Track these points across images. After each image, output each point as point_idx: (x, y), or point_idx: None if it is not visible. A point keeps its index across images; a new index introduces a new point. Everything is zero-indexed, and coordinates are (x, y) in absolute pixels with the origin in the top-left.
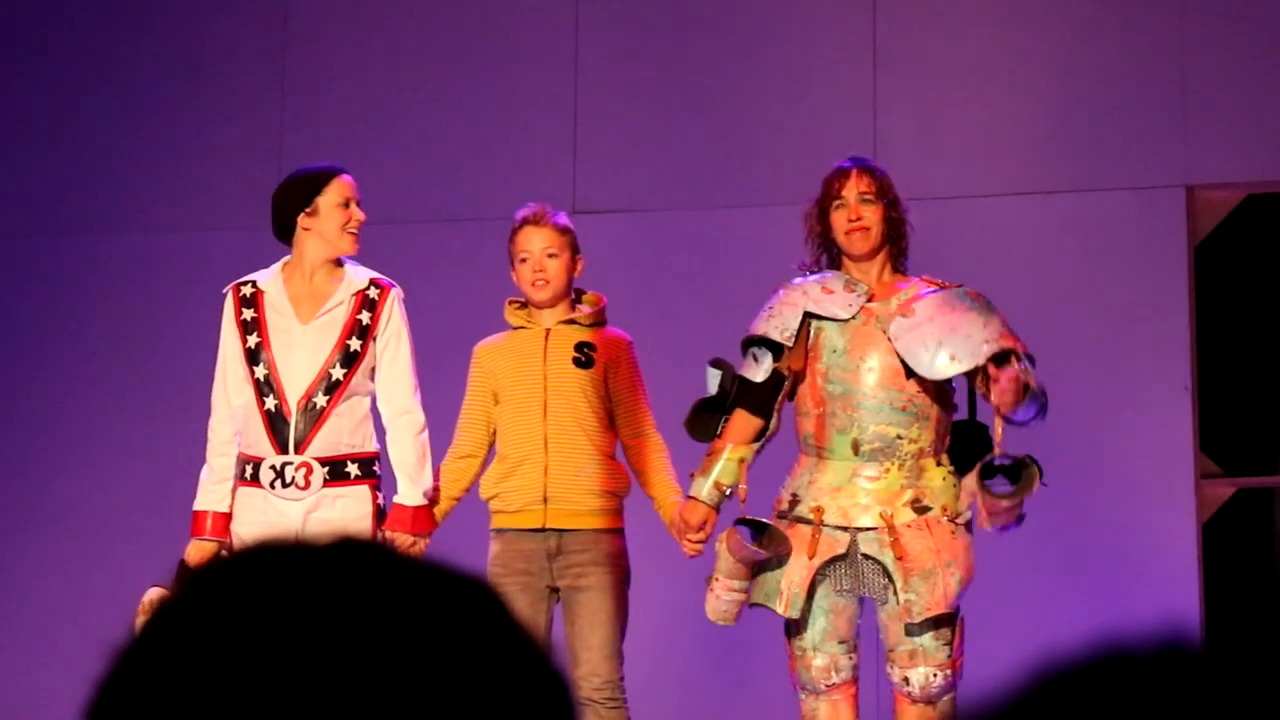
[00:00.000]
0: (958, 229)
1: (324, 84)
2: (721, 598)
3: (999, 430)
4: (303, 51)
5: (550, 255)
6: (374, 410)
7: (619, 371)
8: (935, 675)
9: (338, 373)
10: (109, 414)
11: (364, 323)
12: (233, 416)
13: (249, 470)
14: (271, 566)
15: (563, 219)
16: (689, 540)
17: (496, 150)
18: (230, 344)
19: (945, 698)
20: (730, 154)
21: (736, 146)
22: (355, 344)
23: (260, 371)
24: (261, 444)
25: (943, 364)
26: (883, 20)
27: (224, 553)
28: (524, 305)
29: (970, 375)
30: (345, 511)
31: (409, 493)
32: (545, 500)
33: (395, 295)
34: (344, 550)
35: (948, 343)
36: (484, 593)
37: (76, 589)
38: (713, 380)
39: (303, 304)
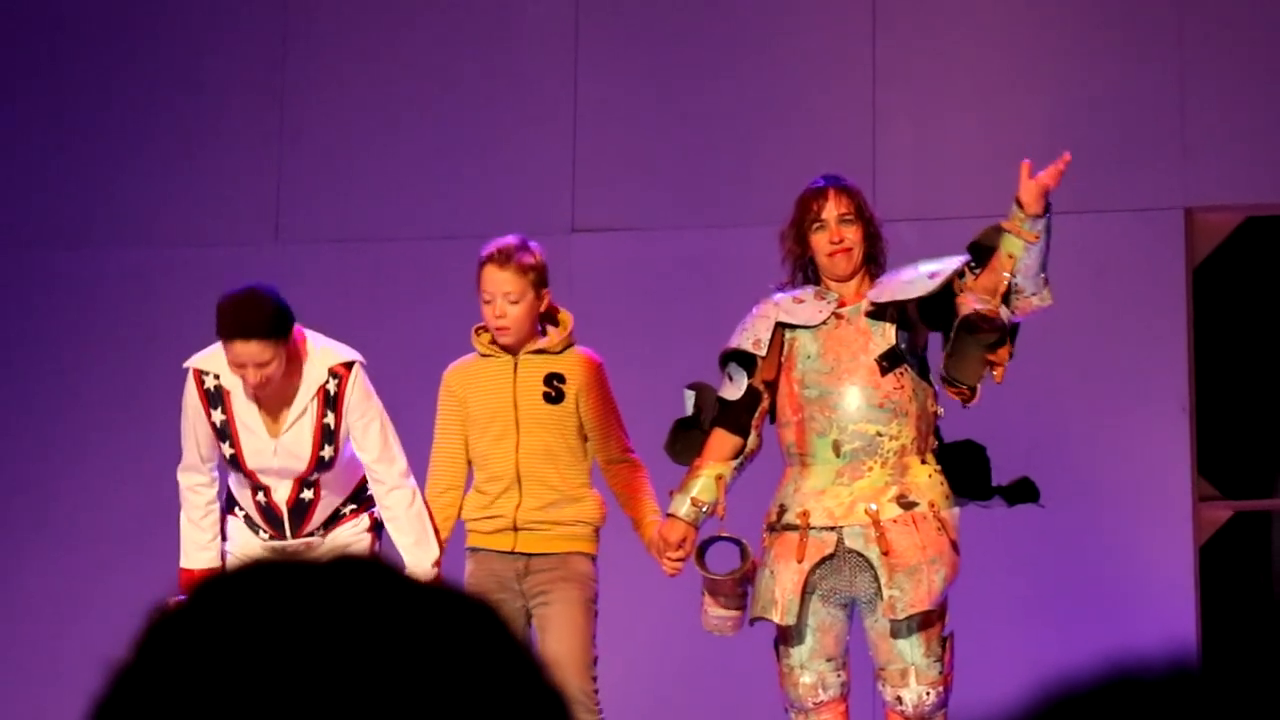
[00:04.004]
0: (957, 249)
1: (323, 101)
2: (710, 613)
3: (1004, 281)
4: (302, 68)
5: (512, 301)
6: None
7: (589, 397)
8: (928, 693)
9: (316, 475)
10: (109, 427)
11: (330, 425)
12: (212, 473)
13: (240, 510)
14: (271, 583)
15: (527, 257)
16: (668, 558)
17: (495, 168)
18: (201, 430)
19: (938, 715)
20: (729, 173)
21: (736, 165)
22: (328, 451)
23: (241, 475)
24: (255, 518)
25: (929, 278)
26: (882, 40)
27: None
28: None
29: (943, 306)
30: (343, 531)
31: (418, 568)
32: (515, 529)
33: (354, 376)
34: (343, 567)
35: (922, 270)
36: (483, 610)
37: (76, 602)
38: (688, 401)
39: (268, 406)
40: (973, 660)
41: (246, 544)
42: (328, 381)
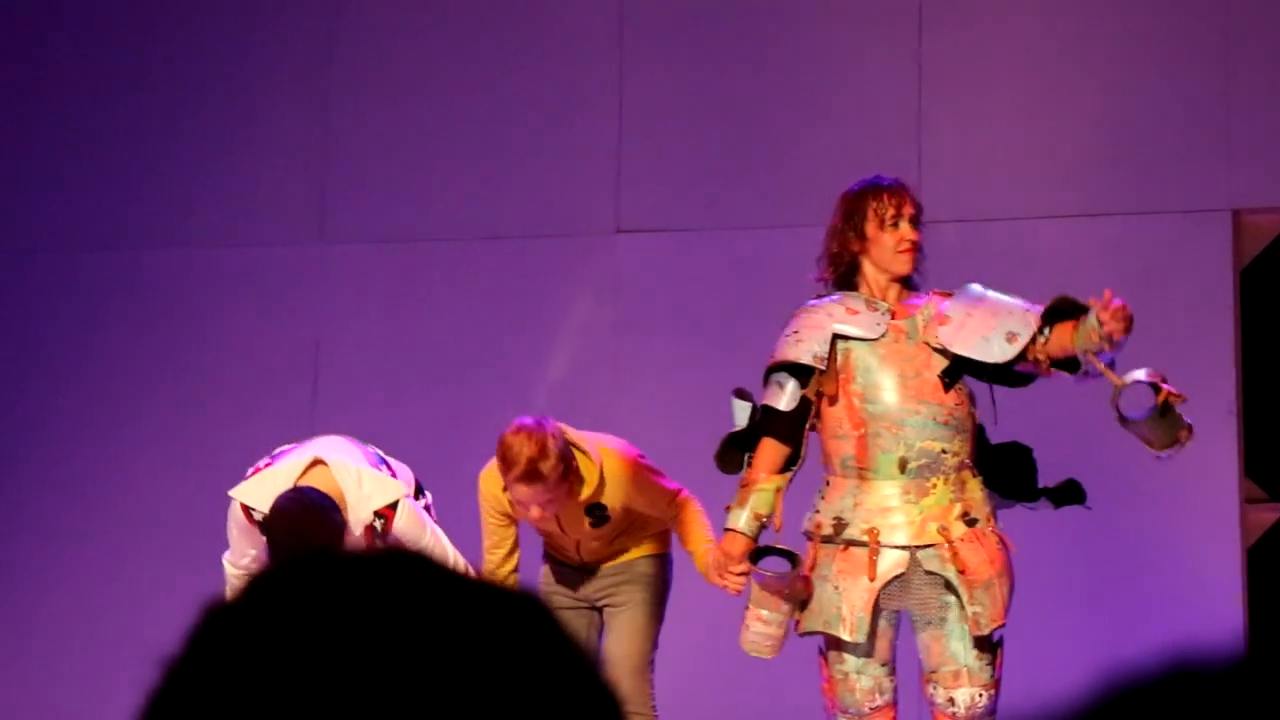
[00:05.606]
0: (1002, 251)
1: (366, 100)
2: (750, 628)
3: (1101, 366)
4: (347, 67)
5: (549, 502)
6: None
7: (634, 499)
8: (981, 695)
9: None
10: (146, 428)
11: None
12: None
13: None
14: (323, 577)
15: (549, 460)
16: (730, 573)
17: (540, 168)
18: (252, 543)
19: (988, 719)
20: (775, 174)
21: (781, 167)
22: None
23: None
24: None
25: (1007, 342)
26: (928, 42)
27: None
28: None
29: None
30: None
31: None
32: (583, 564)
33: (399, 515)
34: (394, 561)
35: (999, 326)
36: (534, 606)
37: (110, 601)
38: (740, 412)
39: None
40: (1020, 662)
41: None
42: (374, 521)
